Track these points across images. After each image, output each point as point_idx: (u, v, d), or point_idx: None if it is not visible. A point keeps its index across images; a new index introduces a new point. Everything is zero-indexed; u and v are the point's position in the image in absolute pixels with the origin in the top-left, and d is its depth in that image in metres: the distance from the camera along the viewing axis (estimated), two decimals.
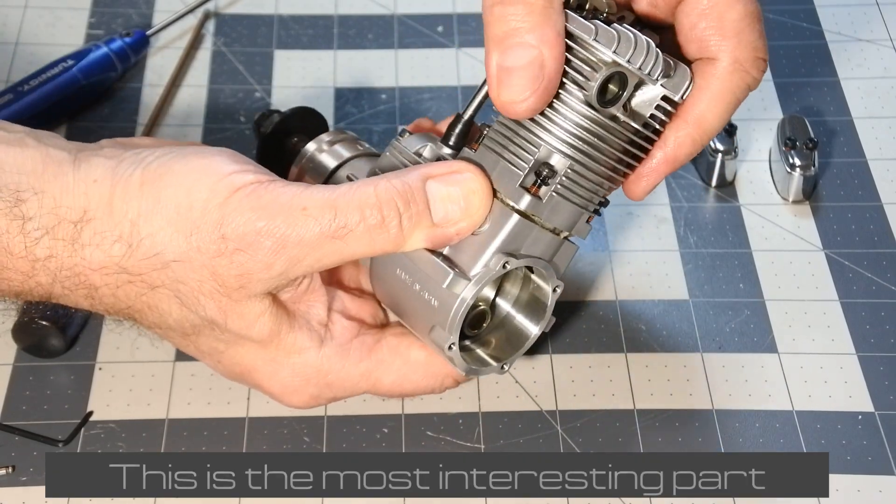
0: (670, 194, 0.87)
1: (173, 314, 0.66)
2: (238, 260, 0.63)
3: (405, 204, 0.63)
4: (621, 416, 0.75)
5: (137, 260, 0.64)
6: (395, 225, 0.64)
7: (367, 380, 0.70)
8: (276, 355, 0.68)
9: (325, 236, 0.63)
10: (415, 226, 0.64)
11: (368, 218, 0.63)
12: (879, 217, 0.85)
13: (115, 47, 0.92)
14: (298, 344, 0.68)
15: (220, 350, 0.68)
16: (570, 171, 0.64)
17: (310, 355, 0.68)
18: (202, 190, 0.63)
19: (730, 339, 0.79)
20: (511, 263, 0.64)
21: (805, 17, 0.99)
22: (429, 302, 0.66)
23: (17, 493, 0.71)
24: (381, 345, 0.70)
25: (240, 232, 0.63)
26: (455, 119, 0.68)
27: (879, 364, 0.77)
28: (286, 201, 0.63)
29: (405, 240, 0.64)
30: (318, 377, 0.69)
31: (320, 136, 0.76)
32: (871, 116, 0.92)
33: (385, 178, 0.64)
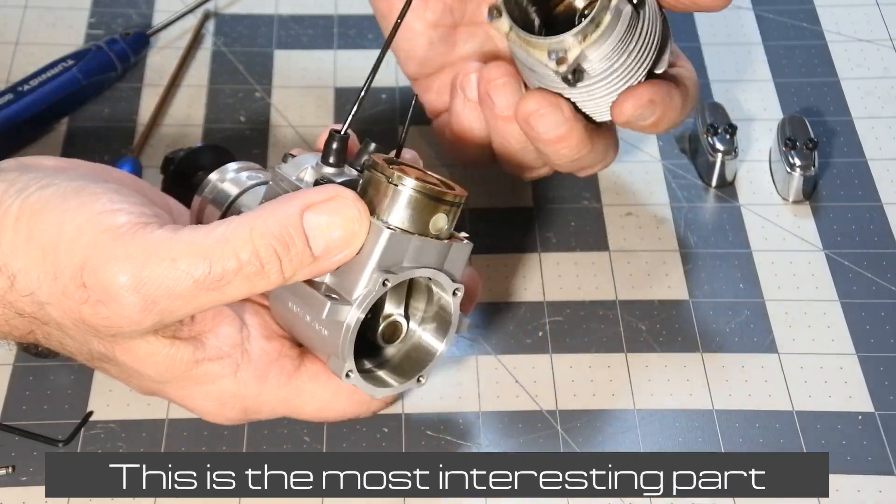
0: (670, 194, 0.87)
1: (69, 346, 0.65)
2: (102, 312, 0.60)
3: (284, 248, 0.61)
4: (621, 416, 0.75)
5: (18, 296, 0.62)
6: (276, 270, 0.61)
7: (286, 406, 0.69)
8: (186, 384, 0.66)
9: (199, 287, 0.60)
10: (296, 267, 0.62)
11: (246, 267, 0.60)
12: (879, 217, 0.85)
13: (115, 47, 0.92)
14: (211, 373, 0.66)
15: (127, 374, 0.66)
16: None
17: (225, 383, 0.66)
18: (70, 230, 0.60)
19: (730, 339, 0.79)
20: (391, 280, 0.63)
21: (805, 17, 0.99)
22: (319, 332, 0.65)
23: (17, 493, 0.71)
24: (300, 372, 0.68)
25: (101, 282, 0.60)
26: (330, 136, 0.66)
27: (879, 364, 0.77)
28: (154, 250, 0.60)
29: (287, 281, 0.62)
30: (234, 401, 0.67)
31: (225, 166, 0.73)
32: (871, 116, 0.92)
33: (261, 216, 0.61)
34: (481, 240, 0.83)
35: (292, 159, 0.68)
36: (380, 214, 0.63)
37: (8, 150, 0.87)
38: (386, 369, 0.70)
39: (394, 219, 0.63)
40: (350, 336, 0.64)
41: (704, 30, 0.98)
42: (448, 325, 0.68)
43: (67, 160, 0.68)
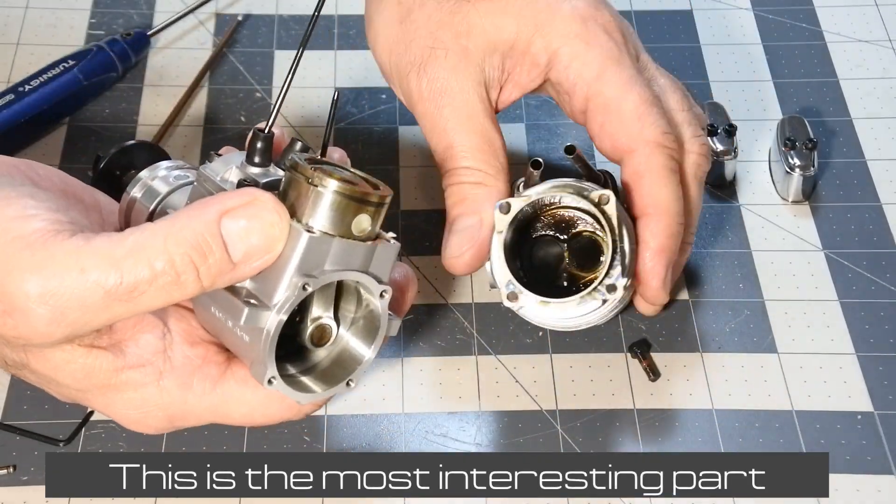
0: None
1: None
2: (9, 323, 0.58)
3: (201, 256, 0.59)
4: (621, 416, 0.75)
5: None
6: (193, 279, 0.59)
7: (212, 413, 0.66)
8: (106, 392, 0.64)
9: (111, 298, 0.57)
10: (215, 276, 0.60)
11: (160, 277, 0.58)
12: (878, 217, 0.85)
13: (115, 48, 0.92)
14: (132, 382, 0.63)
15: (48, 380, 0.64)
16: None
17: (147, 391, 0.64)
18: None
19: (730, 339, 0.79)
20: (312, 284, 0.61)
21: (804, 18, 0.99)
22: (241, 337, 0.63)
23: (18, 493, 0.71)
24: (227, 377, 0.66)
25: (8, 293, 0.57)
26: (254, 135, 0.65)
27: (878, 364, 0.78)
28: (63, 260, 0.57)
29: (205, 289, 0.60)
30: (157, 410, 0.65)
31: (156, 164, 0.71)
32: (870, 117, 0.92)
33: (177, 223, 0.59)
34: None
35: (218, 158, 0.66)
36: (301, 216, 0.61)
37: (8, 150, 0.87)
38: (313, 375, 0.67)
39: (315, 221, 0.61)
40: (270, 342, 0.62)
41: (704, 30, 0.98)
42: (376, 329, 0.66)
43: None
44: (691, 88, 0.93)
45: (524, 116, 0.92)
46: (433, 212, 0.85)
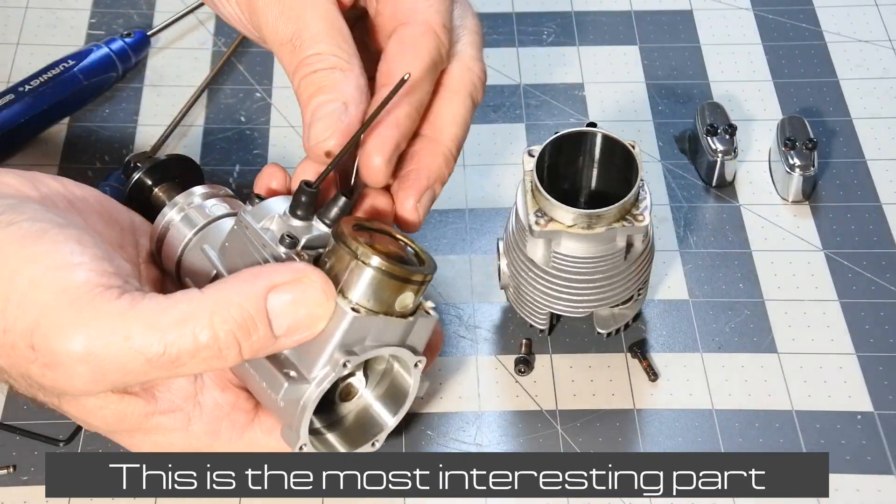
0: (670, 194, 0.87)
1: (17, 387, 0.63)
2: (49, 375, 0.59)
3: (245, 334, 0.59)
4: (621, 416, 0.75)
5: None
6: (235, 354, 0.60)
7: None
8: (135, 434, 0.65)
9: (152, 366, 0.58)
10: (256, 351, 0.61)
11: (203, 351, 0.59)
12: (879, 217, 0.85)
13: (115, 48, 0.92)
14: (162, 427, 0.64)
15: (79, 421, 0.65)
16: None
17: (175, 437, 0.65)
18: (24, 282, 0.58)
19: (730, 339, 0.79)
20: (352, 361, 0.62)
21: (804, 18, 0.99)
22: (276, 402, 0.63)
23: (18, 493, 0.71)
24: (254, 426, 0.67)
25: (52, 349, 0.58)
26: (300, 189, 0.65)
27: (878, 364, 0.78)
28: (109, 324, 0.58)
29: (244, 361, 0.61)
30: (184, 450, 0.66)
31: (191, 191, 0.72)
32: (870, 117, 0.92)
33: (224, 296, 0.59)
34: (481, 239, 0.83)
35: (259, 204, 0.66)
36: (345, 290, 0.62)
37: (9, 150, 0.88)
38: (337, 432, 0.68)
39: (358, 295, 0.61)
40: (306, 415, 0.63)
41: (704, 30, 0.98)
42: (403, 399, 0.68)
43: (30, 178, 0.65)
44: (691, 88, 0.94)
45: (524, 116, 0.92)
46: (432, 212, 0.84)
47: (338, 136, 0.65)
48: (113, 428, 0.64)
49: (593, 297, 0.74)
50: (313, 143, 0.65)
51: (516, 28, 0.98)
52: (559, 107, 0.92)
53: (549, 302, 0.75)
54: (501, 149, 0.90)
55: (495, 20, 0.99)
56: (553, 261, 0.73)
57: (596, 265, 0.73)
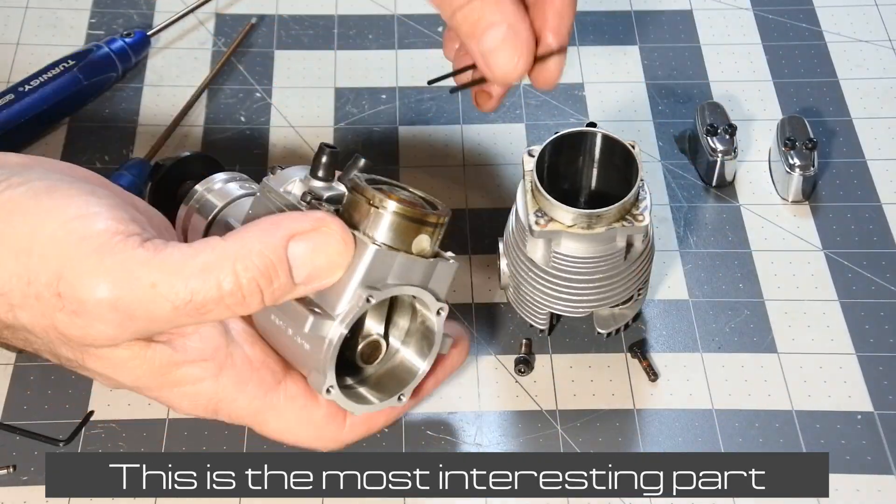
0: (670, 194, 0.87)
1: (36, 345, 0.63)
2: (77, 323, 0.59)
3: (267, 281, 0.60)
4: (621, 416, 0.75)
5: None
6: (257, 300, 0.61)
7: (253, 418, 0.67)
8: (163, 386, 0.64)
9: (178, 313, 0.59)
10: (277, 296, 0.61)
11: (227, 297, 0.60)
12: (879, 217, 0.85)
13: (115, 47, 0.92)
14: (190, 376, 0.64)
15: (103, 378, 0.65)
16: None
17: (204, 386, 0.65)
18: (44, 234, 0.59)
19: (730, 339, 0.79)
20: (375, 297, 0.63)
21: (804, 18, 0.99)
22: (301, 346, 0.64)
23: (18, 493, 0.71)
24: (278, 389, 0.67)
25: (78, 296, 0.59)
26: (320, 149, 0.66)
27: (878, 364, 0.78)
28: (135, 271, 0.59)
29: (267, 307, 0.62)
30: (208, 403, 0.66)
31: (212, 176, 0.74)
32: (870, 117, 0.92)
33: (245, 244, 0.60)
34: (482, 239, 0.83)
35: (280, 171, 0.68)
36: (364, 230, 0.63)
37: (9, 150, 0.87)
38: (367, 386, 0.69)
39: (378, 235, 0.63)
40: (332, 351, 0.63)
41: (704, 30, 0.98)
42: (431, 344, 0.68)
43: (33, 157, 0.66)
44: (691, 88, 0.94)
45: (524, 116, 0.92)
46: None
47: (524, 57, 0.67)
48: (142, 382, 0.64)
49: (593, 297, 0.74)
50: (508, 74, 0.67)
51: None
52: (559, 107, 0.92)
53: (549, 302, 0.75)
54: (501, 149, 0.90)
55: None
56: (553, 261, 0.73)
57: (596, 265, 0.73)
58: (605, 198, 0.73)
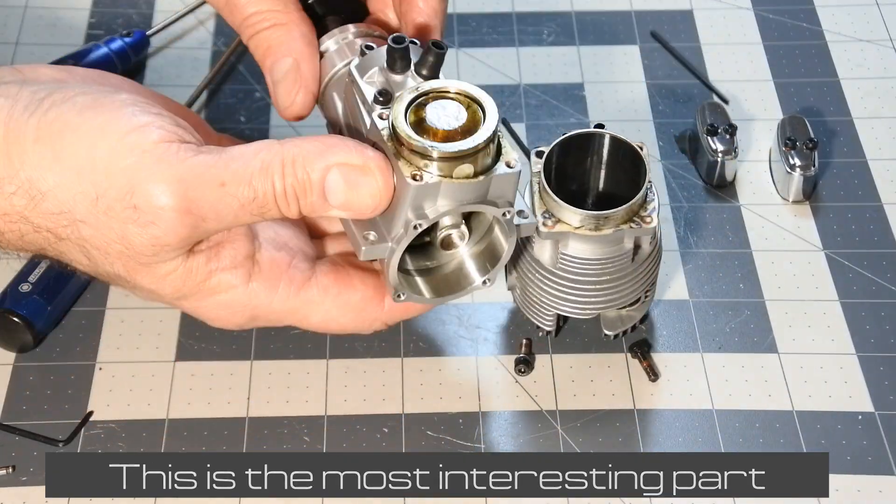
0: (670, 194, 0.87)
1: (82, 264, 0.66)
2: (151, 231, 0.63)
3: (302, 194, 0.64)
4: (621, 416, 0.75)
5: (41, 214, 0.63)
6: (295, 209, 0.64)
7: (293, 316, 0.70)
8: (199, 296, 0.67)
9: (243, 210, 0.63)
10: (312, 212, 0.65)
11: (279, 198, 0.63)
12: (879, 217, 0.85)
13: (115, 47, 0.92)
14: (224, 283, 0.67)
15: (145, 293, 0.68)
16: None
17: (236, 293, 0.68)
18: (103, 149, 0.62)
19: (730, 339, 0.79)
20: (423, 224, 0.65)
21: (805, 17, 0.99)
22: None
23: (18, 493, 0.71)
24: (311, 284, 0.70)
25: (155, 205, 0.62)
26: (389, 48, 0.67)
27: (879, 364, 0.77)
28: (203, 174, 0.62)
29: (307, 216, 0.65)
30: (244, 310, 0.69)
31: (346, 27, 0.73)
32: (871, 116, 0.92)
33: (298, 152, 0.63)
34: None
35: (369, 54, 0.69)
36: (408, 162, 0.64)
37: None
38: (426, 278, 0.71)
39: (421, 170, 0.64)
40: (392, 271, 0.66)
41: (704, 30, 0.98)
42: (496, 261, 0.70)
43: (63, 68, 0.68)
44: (691, 88, 0.93)
45: (524, 116, 0.92)
46: None
47: (301, 95, 0.71)
48: (181, 292, 0.67)
49: (601, 298, 0.74)
50: (283, 109, 0.71)
51: (516, 28, 0.98)
52: (559, 107, 0.92)
53: (557, 303, 0.75)
54: None
55: (495, 20, 0.99)
56: (560, 262, 0.73)
57: (603, 267, 0.72)
58: (612, 199, 0.73)
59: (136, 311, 0.80)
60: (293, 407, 0.75)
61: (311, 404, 0.75)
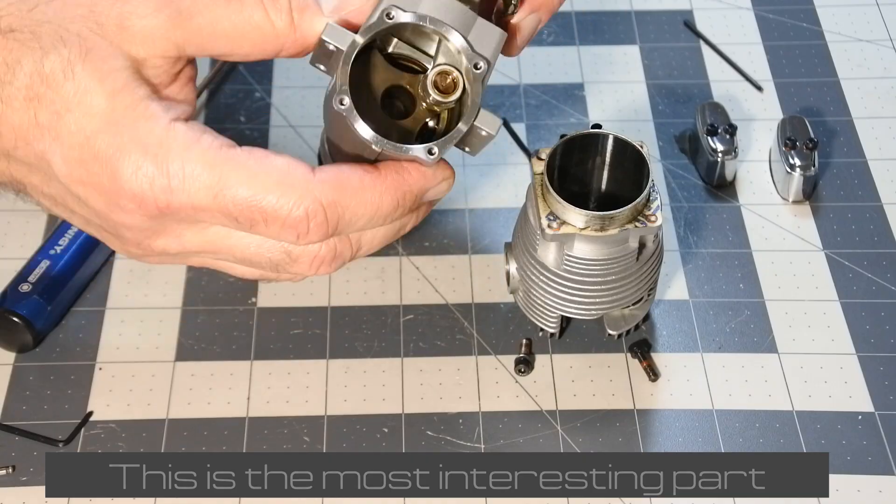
0: (670, 194, 0.87)
1: (23, 63, 0.60)
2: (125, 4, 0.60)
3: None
4: (621, 416, 0.75)
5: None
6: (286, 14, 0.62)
7: (211, 174, 0.61)
8: (122, 117, 0.60)
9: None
10: (300, 8, 0.62)
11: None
12: (879, 217, 0.85)
13: None
14: (149, 111, 0.61)
15: (61, 115, 0.60)
16: None
17: (158, 123, 0.61)
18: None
19: (730, 339, 0.79)
20: (395, 14, 0.61)
21: (805, 17, 0.99)
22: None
23: (17, 493, 0.71)
24: (236, 147, 0.62)
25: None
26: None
27: (879, 364, 0.77)
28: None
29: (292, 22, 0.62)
30: (157, 150, 0.60)
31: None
32: (871, 116, 0.92)
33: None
34: (481, 239, 0.83)
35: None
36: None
37: None
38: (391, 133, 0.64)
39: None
40: (343, 59, 0.61)
41: (704, 30, 0.98)
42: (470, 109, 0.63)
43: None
44: (691, 88, 0.93)
45: (524, 116, 0.92)
46: (432, 211, 0.84)
47: None
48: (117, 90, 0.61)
49: (606, 299, 0.74)
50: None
51: None
52: (559, 107, 0.92)
53: (561, 305, 0.75)
54: (501, 149, 0.90)
55: None
56: (565, 263, 0.72)
57: (608, 267, 0.72)
58: (615, 199, 0.73)
59: (137, 311, 0.80)
60: (293, 407, 0.75)
61: (311, 404, 0.75)
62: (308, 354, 0.78)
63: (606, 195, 0.77)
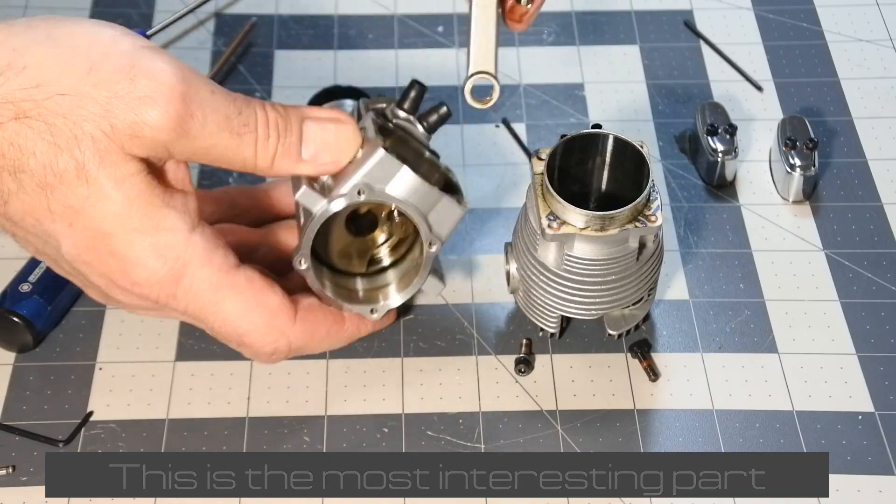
0: (670, 194, 0.87)
1: (37, 154, 0.62)
2: (143, 110, 0.62)
3: (283, 132, 0.66)
4: (621, 416, 0.75)
5: (11, 88, 0.61)
6: (273, 145, 0.66)
7: (212, 294, 0.67)
8: (141, 225, 0.64)
9: (228, 122, 0.64)
10: (283, 155, 0.66)
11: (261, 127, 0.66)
12: (879, 217, 0.85)
13: None
14: (168, 222, 0.65)
15: (76, 210, 0.63)
16: None
17: (177, 237, 0.65)
18: (105, 39, 0.64)
19: (730, 339, 0.79)
20: (366, 193, 0.67)
21: (805, 17, 0.99)
22: (298, 220, 0.71)
23: (18, 493, 0.71)
24: (239, 270, 0.68)
25: (157, 80, 0.62)
26: (410, 84, 0.70)
27: (879, 364, 0.77)
28: (198, 75, 0.65)
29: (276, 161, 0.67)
30: (175, 261, 0.66)
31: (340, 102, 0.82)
32: (871, 116, 0.92)
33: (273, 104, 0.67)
34: (481, 239, 0.83)
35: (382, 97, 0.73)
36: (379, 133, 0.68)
37: None
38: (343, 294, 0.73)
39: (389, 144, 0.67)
40: (311, 225, 0.68)
41: (704, 30, 0.98)
42: (414, 279, 0.73)
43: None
44: (691, 88, 0.94)
45: (524, 116, 0.92)
46: None
47: None
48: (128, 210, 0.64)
49: (606, 299, 0.74)
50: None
51: None
52: (559, 107, 0.92)
53: (562, 305, 0.75)
54: (502, 149, 0.90)
55: None
56: (565, 264, 0.72)
57: (609, 267, 0.72)
58: (615, 199, 0.73)
59: None
60: (293, 407, 0.75)
61: (311, 404, 0.75)
62: (308, 354, 0.78)
63: (606, 195, 0.77)
